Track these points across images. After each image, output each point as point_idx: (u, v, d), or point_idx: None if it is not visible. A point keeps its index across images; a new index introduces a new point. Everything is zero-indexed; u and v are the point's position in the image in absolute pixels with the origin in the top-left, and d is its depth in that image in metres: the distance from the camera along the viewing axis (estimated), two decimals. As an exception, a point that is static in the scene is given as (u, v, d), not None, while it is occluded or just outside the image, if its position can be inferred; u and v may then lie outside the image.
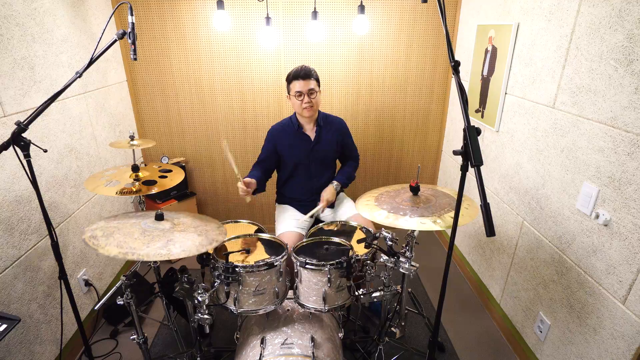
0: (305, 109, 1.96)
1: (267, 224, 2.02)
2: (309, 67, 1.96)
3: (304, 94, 1.93)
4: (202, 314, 1.37)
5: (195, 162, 2.99)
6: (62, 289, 1.56)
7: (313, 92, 1.95)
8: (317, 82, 1.98)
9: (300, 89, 1.93)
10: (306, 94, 1.93)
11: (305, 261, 1.44)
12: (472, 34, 2.41)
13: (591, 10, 1.43)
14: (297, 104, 1.96)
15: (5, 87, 1.59)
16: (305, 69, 1.93)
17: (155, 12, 2.55)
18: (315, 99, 1.97)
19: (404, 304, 1.79)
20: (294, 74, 1.94)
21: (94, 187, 1.62)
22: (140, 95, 2.77)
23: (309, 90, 1.93)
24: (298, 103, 1.96)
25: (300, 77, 1.92)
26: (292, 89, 1.96)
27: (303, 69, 1.93)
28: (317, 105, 2.00)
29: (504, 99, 2.07)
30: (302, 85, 1.92)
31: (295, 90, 1.94)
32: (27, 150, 1.27)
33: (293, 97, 1.96)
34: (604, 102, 1.38)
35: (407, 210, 1.52)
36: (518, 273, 2.00)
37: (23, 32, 1.69)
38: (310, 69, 1.95)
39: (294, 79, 1.94)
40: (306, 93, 1.93)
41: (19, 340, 1.61)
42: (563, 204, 1.63)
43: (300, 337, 1.46)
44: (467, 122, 1.01)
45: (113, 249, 1.23)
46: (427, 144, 3.02)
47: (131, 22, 1.31)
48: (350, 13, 2.58)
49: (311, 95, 1.94)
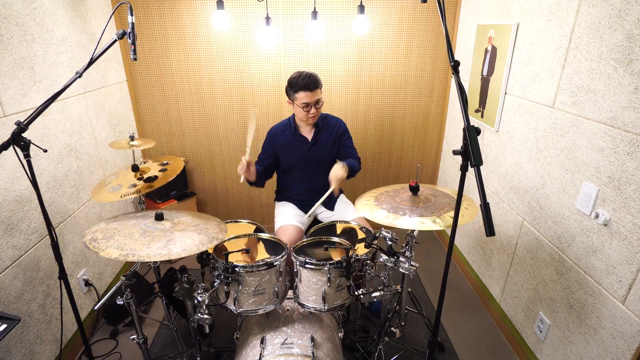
0: (311, 118, 1.93)
1: (266, 223, 2.03)
2: (314, 75, 1.85)
3: (311, 105, 1.87)
4: (202, 313, 1.37)
5: (195, 162, 2.99)
6: (62, 289, 1.56)
7: (320, 101, 1.90)
8: (321, 89, 1.90)
9: (308, 101, 1.85)
10: (313, 105, 1.87)
11: (305, 261, 1.44)
12: (472, 34, 2.41)
13: (591, 10, 1.43)
14: (303, 114, 1.90)
15: (5, 87, 1.59)
16: (312, 79, 1.83)
17: (155, 12, 2.55)
18: (320, 108, 1.93)
19: (403, 303, 1.79)
20: (301, 84, 1.83)
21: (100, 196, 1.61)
22: (140, 95, 2.77)
23: (316, 101, 1.87)
24: (304, 113, 1.89)
25: (309, 89, 1.82)
26: (298, 99, 1.86)
27: (311, 79, 1.82)
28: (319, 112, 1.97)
29: (503, 98, 2.07)
30: (310, 96, 1.84)
31: (302, 101, 1.85)
32: (27, 150, 1.27)
33: (298, 106, 1.89)
34: (604, 102, 1.38)
35: (406, 210, 1.53)
36: (518, 273, 2.00)
37: (23, 32, 1.69)
38: (317, 79, 1.86)
39: (301, 89, 1.83)
40: (313, 104, 1.87)
41: (19, 340, 1.61)
42: (563, 204, 1.63)
43: (300, 336, 1.46)
44: (467, 122, 1.02)
45: (114, 251, 1.23)
46: (427, 143, 3.02)
47: (131, 22, 1.31)
48: (350, 13, 2.58)
49: (317, 105, 1.89)
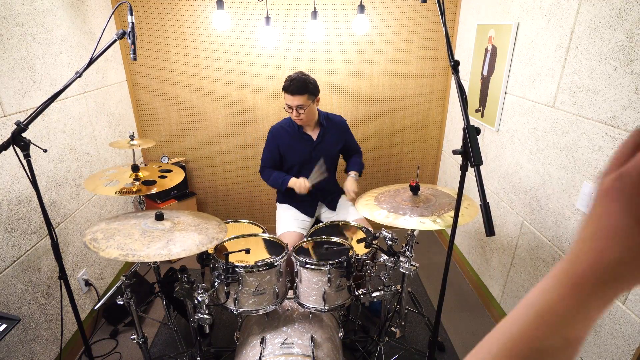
0: (297, 120, 1.95)
1: (267, 223, 2.03)
2: (302, 80, 1.83)
3: (293, 108, 1.89)
4: (202, 314, 1.37)
5: (195, 162, 2.99)
6: (62, 289, 1.55)
7: (302, 107, 1.88)
8: (310, 95, 1.88)
9: (289, 103, 1.88)
10: (294, 108, 1.89)
11: (305, 261, 1.44)
12: (472, 33, 2.40)
13: (591, 9, 1.43)
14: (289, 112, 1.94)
15: (5, 87, 1.59)
16: (295, 83, 1.82)
17: (155, 12, 2.55)
18: (306, 112, 1.90)
19: (404, 303, 1.79)
20: (285, 85, 1.86)
21: (94, 187, 1.62)
22: (140, 95, 2.77)
23: (297, 106, 1.87)
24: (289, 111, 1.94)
25: (289, 91, 1.85)
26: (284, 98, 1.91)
27: (293, 83, 1.83)
28: (310, 116, 1.97)
29: (503, 98, 2.07)
30: (290, 99, 1.87)
31: (285, 102, 1.90)
32: (27, 150, 1.27)
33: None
34: (604, 102, 1.38)
35: (407, 210, 1.53)
36: (518, 273, 2.00)
37: (23, 32, 1.69)
38: (302, 84, 1.83)
39: (284, 90, 1.87)
40: (294, 108, 1.89)
41: (19, 340, 1.61)
42: (563, 204, 1.63)
43: (300, 336, 1.46)
44: (467, 122, 1.02)
45: (114, 251, 1.23)
46: (427, 143, 3.02)
47: (131, 22, 1.31)
48: (350, 13, 2.58)
49: (299, 110, 1.89)
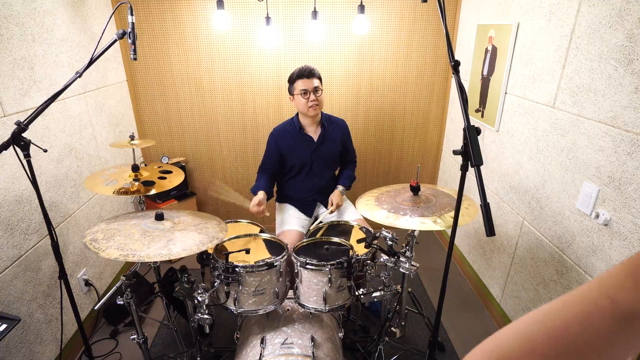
0: (311, 108, 1.95)
1: (267, 223, 2.02)
2: (311, 66, 1.96)
3: (309, 91, 1.93)
4: (202, 314, 1.37)
5: (195, 162, 2.99)
6: (62, 289, 1.56)
7: (318, 89, 1.95)
8: (320, 81, 1.98)
9: (306, 87, 1.93)
10: (312, 91, 1.93)
11: (305, 261, 1.44)
12: (472, 33, 2.40)
13: (591, 9, 1.43)
14: (303, 102, 1.95)
15: (5, 87, 1.58)
16: (308, 67, 1.95)
17: (155, 12, 2.55)
18: (320, 97, 1.97)
19: (404, 303, 1.79)
20: (298, 73, 1.95)
21: (93, 185, 1.62)
22: (140, 95, 2.77)
23: (314, 88, 1.93)
24: (303, 102, 1.94)
25: (304, 75, 1.93)
26: (296, 88, 1.95)
27: (307, 67, 1.94)
28: (322, 104, 2.01)
29: (504, 98, 2.07)
30: (307, 83, 1.93)
31: (300, 88, 1.93)
32: (27, 150, 1.27)
33: (298, 95, 1.95)
34: (604, 102, 1.38)
35: (407, 210, 1.53)
36: (518, 273, 2.00)
37: (23, 32, 1.69)
38: (313, 68, 1.96)
39: (298, 77, 1.94)
40: (311, 91, 1.93)
41: (19, 340, 1.61)
42: (563, 204, 1.63)
43: (300, 336, 1.46)
44: (467, 122, 1.02)
45: (114, 252, 1.23)
46: (427, 143, 3.02)
47: (131, 22, 1.31)
48: (350, 13, 2.58)
49: (316, 93, 1.95)
